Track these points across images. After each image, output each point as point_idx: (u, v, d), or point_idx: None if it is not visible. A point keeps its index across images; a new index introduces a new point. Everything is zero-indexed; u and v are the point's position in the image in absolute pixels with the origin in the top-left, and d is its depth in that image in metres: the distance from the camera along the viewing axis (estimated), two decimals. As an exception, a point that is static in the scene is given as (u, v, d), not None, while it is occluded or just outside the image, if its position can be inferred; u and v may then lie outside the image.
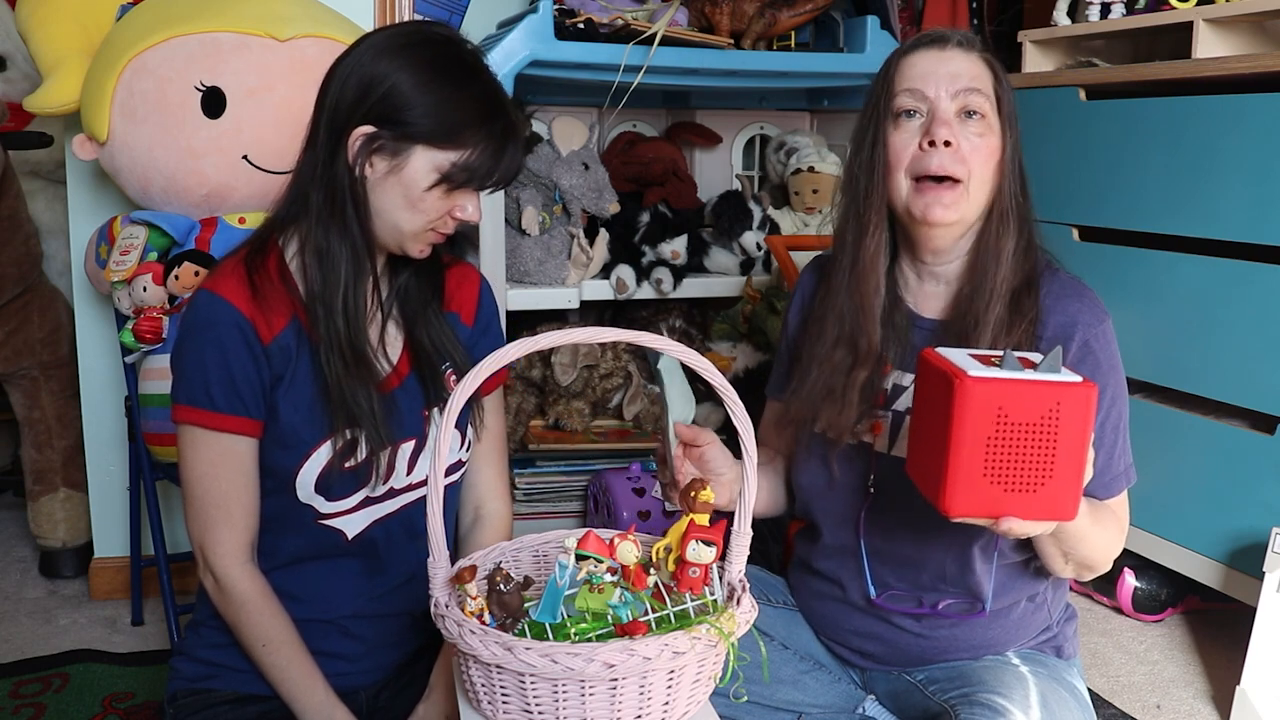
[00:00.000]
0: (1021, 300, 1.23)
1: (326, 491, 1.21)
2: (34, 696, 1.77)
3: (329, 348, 1.18)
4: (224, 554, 1.20)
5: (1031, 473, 0.98)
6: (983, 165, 1.21)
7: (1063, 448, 0.98)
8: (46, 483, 2.27)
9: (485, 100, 1.17)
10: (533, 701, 0.92)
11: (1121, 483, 1.27)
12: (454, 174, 1.16)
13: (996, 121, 1.23)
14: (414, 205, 1.17)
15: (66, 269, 2.28)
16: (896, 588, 1.32)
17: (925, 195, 1.22)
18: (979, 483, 0.98)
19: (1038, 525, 1.04)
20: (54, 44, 1.85)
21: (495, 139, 1.16)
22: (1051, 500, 0.99)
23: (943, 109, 1.21)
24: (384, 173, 1.16)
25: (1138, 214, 1.91)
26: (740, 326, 2.30)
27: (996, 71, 1.25)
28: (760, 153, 2.54)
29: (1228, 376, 1.76)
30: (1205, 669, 1.86)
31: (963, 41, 1.25)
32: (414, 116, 1.14)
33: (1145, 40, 2.13)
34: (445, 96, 1.14)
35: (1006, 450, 0.98)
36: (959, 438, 0.98)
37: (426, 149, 1.15)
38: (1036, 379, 0.98)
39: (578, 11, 1.97)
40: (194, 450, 1.19)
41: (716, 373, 0.97)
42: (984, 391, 0.97)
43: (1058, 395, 0.97)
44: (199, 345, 1.17)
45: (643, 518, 2.05)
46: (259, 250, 1.22)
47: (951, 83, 1.21)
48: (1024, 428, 0.97)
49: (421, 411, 1.28)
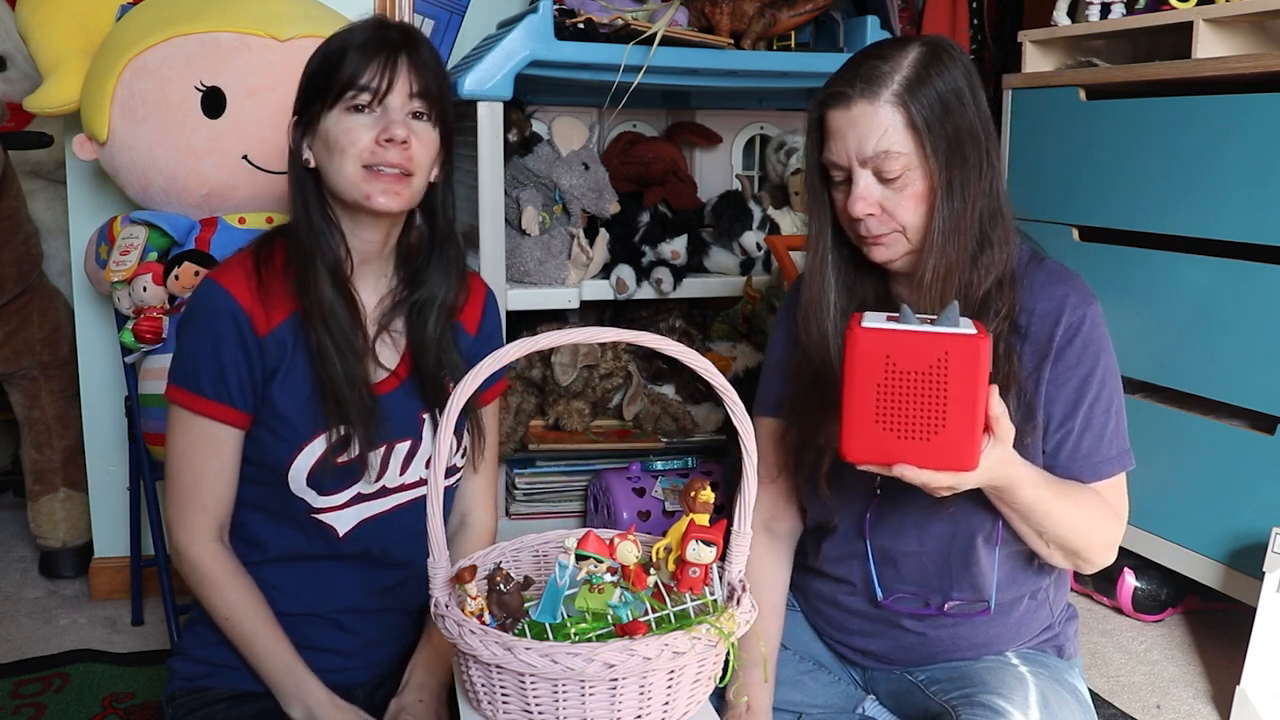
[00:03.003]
0: (989, 302, 1.22)
1: (318, 486, 1.23)
2: (34, 696, 1.77)
3: (315, 340, 1.21)
4: (189, 531, 1.23)
5: (923, 421, 1.03)
6: (911, 213, 1.19)
7: (954, 397, 1.02)
8: (46, 483, 2.27)
9: (357, 31, 1.22)
10: (533, 701, 0.92)
11: (1112, 467, 1.25)
12: (338, 89, 1.19)
13: (918, 162, 1.18)
14: (333, 148, 1.20)
15: (66, 269, 2.28)
16: (902, 590, 1.32)
17: (866, 245, 1.23)
18: (872, 428, 1.04)
19: (936, 475, 1.06)
20: (54, 44, 1.85)
21: (369, 48, 1.19)
22: (946, 449, 1.03)
23: (859, 182, 1.19)
24: (313, 142, 1.23)
25: (1138, 214, 1.91)
26: (740, 326, 2.30)
27: (910, 109, 1.16)
28: (760, 153, 2.53)
29: (1228, 376, 1.76)
30: (1205, 669, 1.86)
31: (866, 91, 1.17)
32: (309, 80, 1.23)
33: (1145, 40, 2.13)
34: (324, 51, 1.22)
35: (897, 398, 1.03)
36: (850, 384, 1.04)
37: (324, 97, 1.20)
38: (924, 330, 1.03)
39: (578, 11, 1.97)
40: (177, 429, 1.23)
41: (716, 373, 0.97)
42: (871, 339, 1.03)
43: (946, 345, 1.01)
44: (194, 331, 1.22)
45: (643, 518, 2.05)
46: (267, 244, 1.26)
47: (859, 149, 1.18)
48: (913, 376, 1.02)
49: (419, 414, 1.29)
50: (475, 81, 1.84)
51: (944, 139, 1.17)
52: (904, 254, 1.23)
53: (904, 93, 1.16)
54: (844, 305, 1.28)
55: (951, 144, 1.18)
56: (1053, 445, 1.25)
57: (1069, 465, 1.25)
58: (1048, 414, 1.24)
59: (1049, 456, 1.25)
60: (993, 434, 1.08)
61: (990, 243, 1.22)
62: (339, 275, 1.24)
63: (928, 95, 1.17)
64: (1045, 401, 1.24)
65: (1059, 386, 1.24)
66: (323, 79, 1.21)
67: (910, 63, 1.18)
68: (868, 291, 1.30)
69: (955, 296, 1.20)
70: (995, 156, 1.22)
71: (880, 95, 1.17)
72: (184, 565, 1.24)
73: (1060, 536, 1.22)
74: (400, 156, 1.19)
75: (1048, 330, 1.23)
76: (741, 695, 1.24)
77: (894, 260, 1.23)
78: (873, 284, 1.31)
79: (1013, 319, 1.24)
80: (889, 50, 1.20)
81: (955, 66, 1.19)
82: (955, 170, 1.18)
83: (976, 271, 1.21)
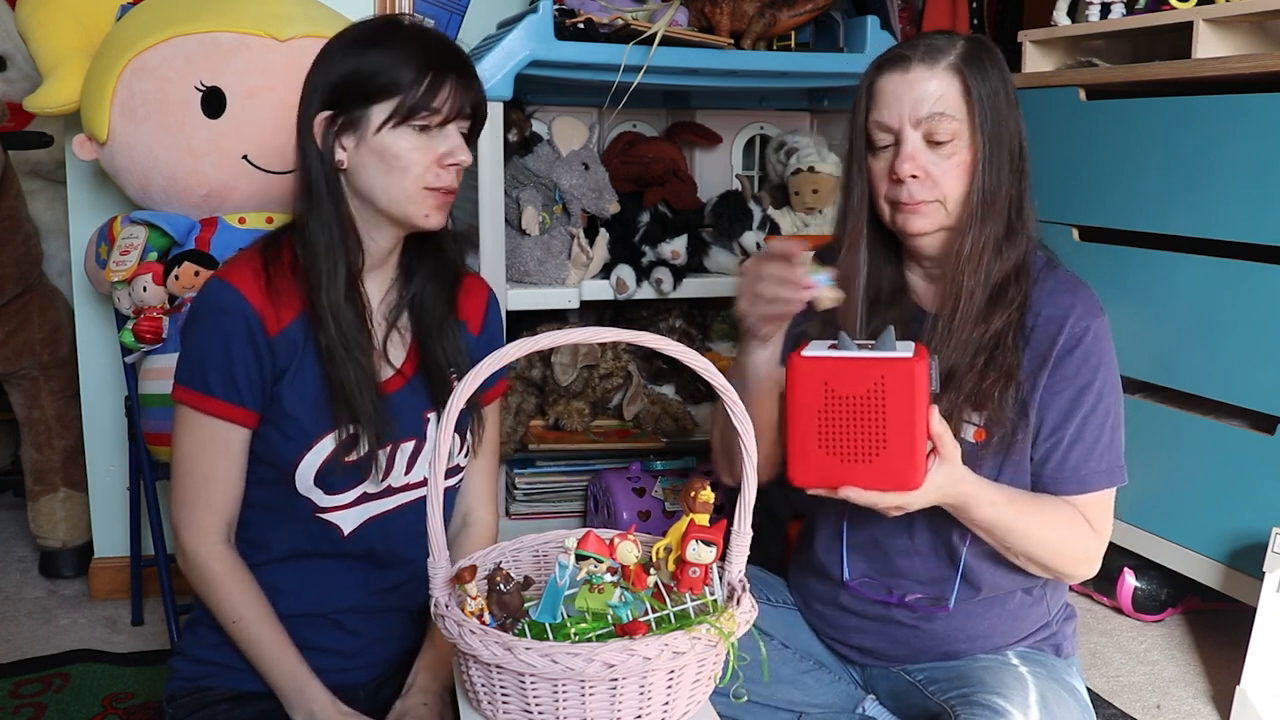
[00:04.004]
0: (1006, 289, 1.24)
1: (325, 485, 1.23)
2: (34, 696, 1.77)
3: (324, 341, 1.20)
4: (196, 531, 1.22)
5: (864, 444, 1.06)
6: (955, 182, 1.22)
7: (892, 419, 1.05)
8: (46, 483, 2.27)
9: (411, 41, 1.20)
10: (533, 701, 0.92)
11: (1099, 481, 1.25)
12: (405, 110, 1.17)
13: (967, 131, 1.22)
14: (392, 165, 1.19)
15: (66, 269, 2.28)
16: (870, 575, 1.33)
17: (903, 213, 1.25)
18: (815, 453, 1.08)
19: (882, 496, 1.09)
20: (54, 44, 1.85)
21: (433, 67, 1.18)
22: (889, 470, 1.07)
23: (908, 142, 1.22)
24: (354, 146, 1.20)
25: (1138, 214, 1.91)
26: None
27: (966, 78, 1.21)
28: (760, 153, 2.54)
29: (1228, 376, 1.76)
30: (1205, 669, 1.86)
31: (926, 56, 1.22)
32: (355, 80, 1.18)
33: (1145, 40, 2.13)
34: (374, 53, 1.18)
35: (838, 422, 1.07)
36: (793, 412, 1.08)
37: (378, 105, 1.18)
38: (860, 356, 1.06)
39: (578, 11, 1.97)
40: (185, 429, 1.22)
41: (717, 373, 0.97)
42: (808, 368, 1.07)
43: (881, 369, 1.05)
44: (203, 330, 1.20)
45: (643, 518, 2.05)
46: (275, 243, 1.25)
47: (914, 110, 1.21)
48: (851, 400, 1.06)
49: (424, 413, 1.29)
50: (475, 81, 1.84)
51: (990, 118, 1.21)
52: (937, 228, 1.24)
53: (961, 64, 1.22)
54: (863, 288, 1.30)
55: (996, 125, 1.22)
56: (1041, 453, 1.25)
57: (1055, 475, 1.25)
58: (1040, 420, 1.25)
59: (1036, 464, 1.26)
60: (938, 454, 1.10)
61: (1015, 232, 1.24)
62: (354, 277, 1.24)
63: (979, 74, 1.22)
64: (1039, 408, 1.24)
65: (1054, 395, 1.24)
66: (378, 89, 1.17)
67: (966, 44, 1.24)
68: (884, 279, 1.32)
69: (981, 282, 1.22)
70: (1025, 160, 1.26)
71: (940, 62, 1.22)
72: (190, 567, 1.24)
73: (1026, 552, 1.23)
74: (455, 178, 1.23)
75: (1050, 337, 1.24)
76: (742, 695, 1.24)
77: (926, 233, 1.25)
78: (890, 273, 1.32)
79: (1023, 312, 1.25)
80: (944, 35, 1.26)
81: (1003, 67, 1.25)
82: (996, 150, 1.22)
83: (1000, 259, 1.24)
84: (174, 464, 1.24)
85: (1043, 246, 1.31)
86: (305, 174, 1.22)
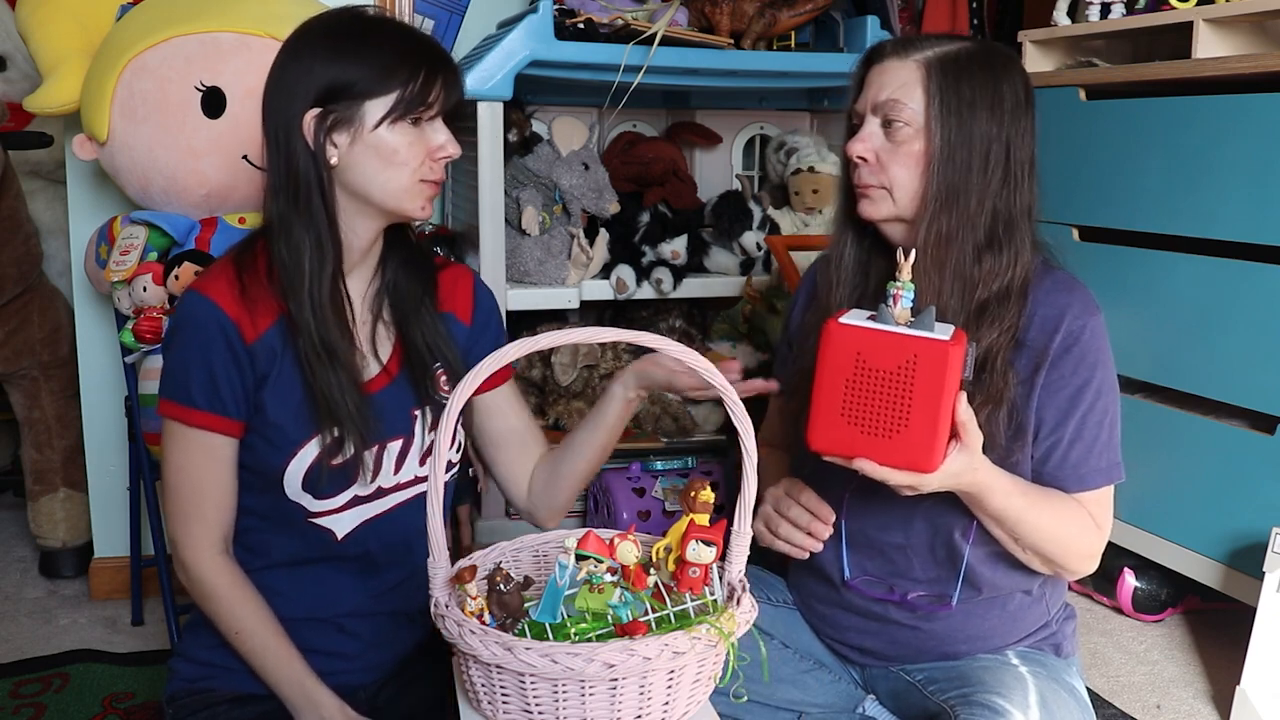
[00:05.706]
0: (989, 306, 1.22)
1: (314, 490, 1.22)
2: (34, 696, 1.77)
3: (305, 343, 1.20)
4: (193, 546, 1.22)
5: (887, 419, 1.06)
6: (903, 171, 1.23)
7: (918, 399, 1.04)
8: (46, 483, 2.27)
9: (398, 36, 1.21)
10: (533, 701, 0.92)
11: (1099, 479, 1.26)
12: (403, 105, 1.18)
13: (922, 121, 1.21)
14: (390, 160, 1.19)
15: (66, 269, 2.28)
16: (870, 574, 1.33)
17: (856, 198, 1.28)
18: (837, 420, 1.08)
19: (896, 473, 1.09)
20: (54, 44, 1.85)
21: (426, 63, 1.19)
22: (907, 449, 1.06)
23: (865, 125, 1.26)
24: (348, 144, 1.19)
25: (1138, 214, 1.91)
26: (740, 326, 2.30)
27: (931, 72, 1.21)
28: (760, 153, 2.53)
29: (1228, 376, 1.76)
30: (1205, 669, 1.86)
31: (901, 48, 1.25)
32: (350, 78, 1.17)
33: (1145, 40, 2.13)
34: (366, 50, 1.18)
35: (864, 394, 1.06)
36: (821, 377, 1.08)
37: (372, 101, 1.17)
38: (897, 331, 1.05)
39: (578, 11, 1.97)
40: (173, 444, 1.22)
41: (716, 373, 0.97)
42: (844, 335, 1.07)
43: (915, 348, 1.04)
44: (182, 343, 1.20)
45: (643, 518, 2.05)
46: (248, 249, 1.23)
47: (876, 95, 1.24)
48: (881, 374, 1.05)
49: (411, 411, 1.28)
50: (475, 81, 1.84)
51: (955, 114, 1.20)
52: (887, 217, 1.26)
53: (932, 62, 1.22)
54: (856, 284, 1.32)
55: (963, 123, 1.21)
56: (1041, 452, 1.26)
57: (1056, 473, 1.26)
58: (1039, 420, 1.25)
59: (1037, 463, 1.26)
60: (959, 440, 1.10)
61: (999, 245, 1.23)
62: (339, 274, 1.23)
63: (953, 74, 1.21)
64: (1037, 408, 1.24)
65: (1052, 394, 1.24)
66: (375, 86, 1.17)
67: (955, 49, 1.23)
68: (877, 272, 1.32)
69: (954, 291, 1.21)
70: (1024, 175, 1.24)
71: (910, 56, 1.24)
72: (191, 582, 1.23)
73: (1035, 545, 1.23)
74: (444, 171, 1.24)
75: (1046, 337, 1.24)
76: (742, 695, 1.24)
77: (876, 220, 1.27)
78: (882, 267, 1.32)
79: (1015, 335, 1.24)
80: (944, 36, 1.26)
81: (1001, 74, 1.23)
82: (959, 149, 1.21)
83: (980, 267, 1.22)
84: (165, 479, 1.24)
85: (1039, 246, 1.30)
86: (288, 172, 1.19)
